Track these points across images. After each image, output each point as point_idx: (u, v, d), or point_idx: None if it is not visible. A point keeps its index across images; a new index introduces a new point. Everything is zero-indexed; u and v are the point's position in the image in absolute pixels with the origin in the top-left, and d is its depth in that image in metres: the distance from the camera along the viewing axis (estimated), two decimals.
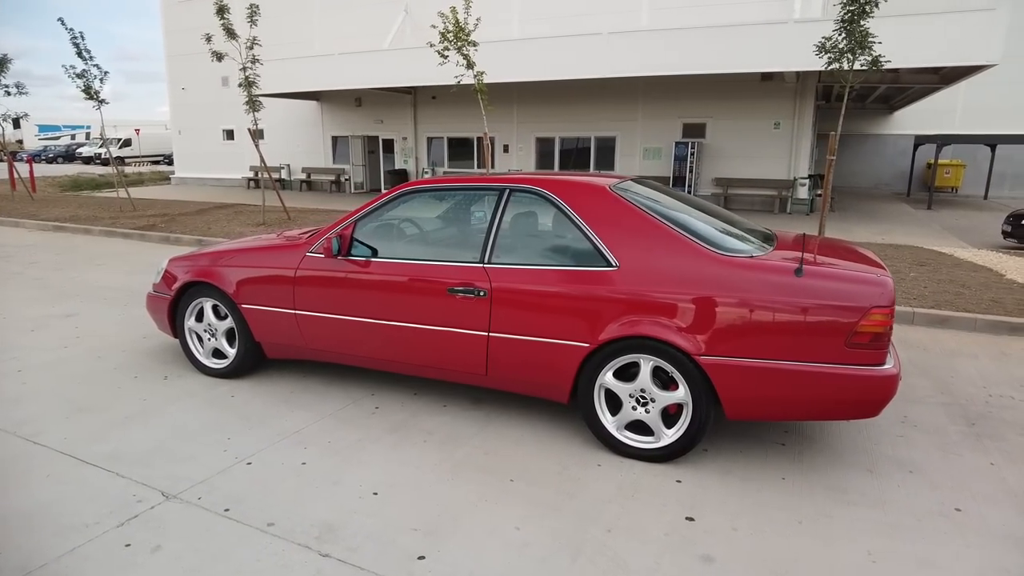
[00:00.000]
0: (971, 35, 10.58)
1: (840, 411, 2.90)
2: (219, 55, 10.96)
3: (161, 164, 35.85)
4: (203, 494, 2.79)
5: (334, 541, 2.47)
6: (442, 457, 3.16)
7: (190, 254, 4.31)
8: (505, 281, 3.25)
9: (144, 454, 3.15)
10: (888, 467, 3.13)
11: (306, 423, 3.52)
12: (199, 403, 3.78)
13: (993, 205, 18.45)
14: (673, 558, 2.40)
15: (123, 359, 4.53)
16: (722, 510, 2.73)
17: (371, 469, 3.03)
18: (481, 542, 2.48)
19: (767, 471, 3.07)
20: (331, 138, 21.08)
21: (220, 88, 21.38)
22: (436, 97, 19.68)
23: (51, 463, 3.05)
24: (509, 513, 2.68)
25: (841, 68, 7.35)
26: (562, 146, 18.67)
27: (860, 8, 7.25)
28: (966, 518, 2.70)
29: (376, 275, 3.55)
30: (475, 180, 3.60)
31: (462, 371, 3.48)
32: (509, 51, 14.73)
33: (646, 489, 2.89)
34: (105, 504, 2.70)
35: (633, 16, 16.32)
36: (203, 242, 9.57)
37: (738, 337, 2.88)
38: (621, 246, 3.09)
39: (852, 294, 2.79)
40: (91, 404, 3.74)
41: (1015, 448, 3.34)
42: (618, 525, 2.61)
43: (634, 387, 3.09)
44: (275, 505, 2.71)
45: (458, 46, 9.46)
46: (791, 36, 12.40)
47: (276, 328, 3.90)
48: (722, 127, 16.54)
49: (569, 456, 3.19)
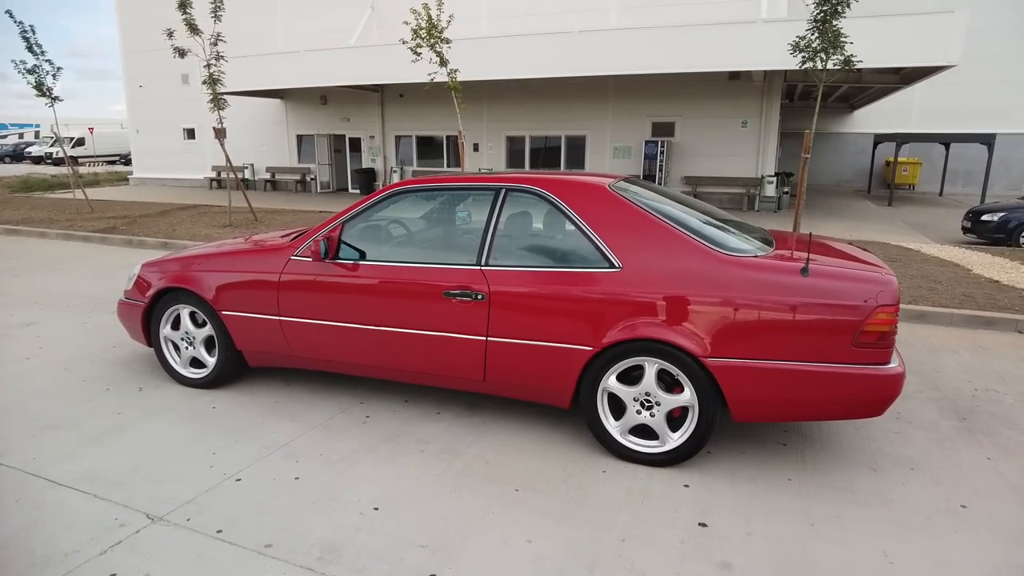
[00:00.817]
0: (932, 37, 10.88)
1: (846, 411, 2.88)
2: (182, 51, 10.59)
3: (117, 164, 34.63)
4: (192, 515, 2.62)
5: (337, 561, 2.33)
6: (442, 467, 3.04)
7: (164, 258, 4.09)
8: (504, 284, 3.15)
9: (123, 473, 2.95)
10: (890, 465, 3.13)
11: (295, 435, 3.36)
12: (178, 416, 3.59)
13: (948, 201, 19.08)
14: (692, 567, 2.34)
15: (93, 370, 4.28)
16: (734, 514, 2.68)
17: (369, 482, 2.90)
18: (493, 557, 2.38)
19: (772, 473, 3.04)
20: (296, 137, 20.62)
21: (180, 86, 20.75)
22: (404, 95, 19.42)
23: (20, 486, 2.83)
24: (518, 525, 2.59)
25: (815, 67, 7.44)
26: (532, 145, 18.62)
27: (832, 8, 7.35)
28: (973, 515, 2.71)
29: (367, 279, 3.41)
30: (469, 179, 3.48)
31: (458, 377, 3.37)
32: (479, 49, 14.60)
33: (655, 495, 2.83)
34: (84, 530, 2.51)
35: (601, 15, 16.36)
36: (169, 245, 9.22)
37: (745, 338, 2.84)
38: (624, 247, 3.02)
39: (858, 293, 2.77)
40: (60, 420, 3.51)
41: (1008, 442, 3.39)
42: (632, 534, 2.53)
43: (638, 391, 3.02)
44: (271, 524, 2.56)
45: (431, 43, 9.29)
46: (759, 36, 12.58)
47: (259, 335, 3.72)
48: (691, 126, 16.71)
49: (572, 463, 3.11)
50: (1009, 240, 10.54)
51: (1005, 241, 10.58)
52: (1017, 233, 10.45)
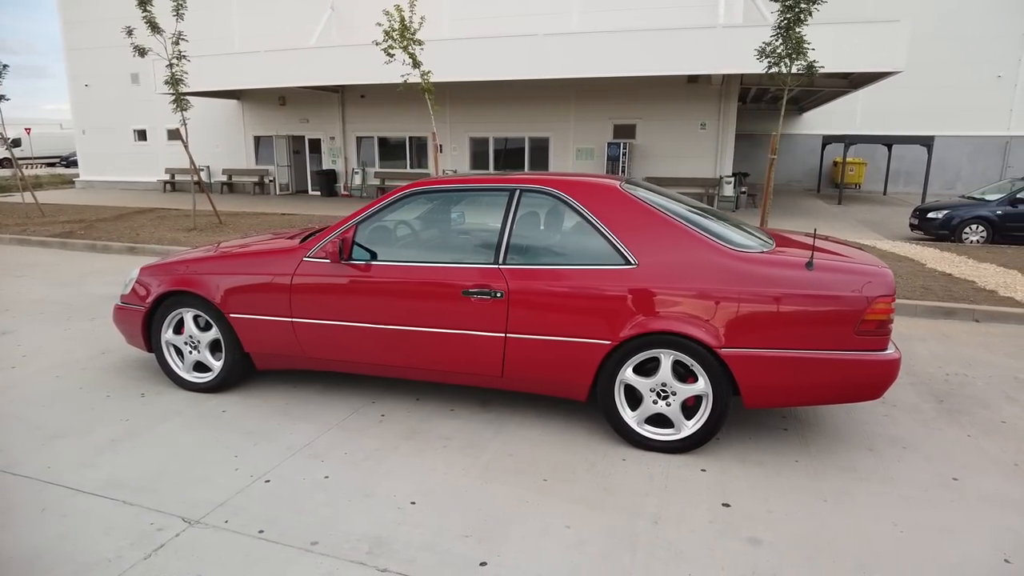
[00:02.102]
0: (881, 44, 11.49)
1: (848, 395, 3.09)
2: (142, 50, 10.26)
3: (58, 166, 33.09)
4: (229, 517, 2.62)
5: (388, 555, 2.39)
6: (468, 462, 3.12)
7: (164, 262, 4.02)
8: (523, 282, 3.25)
9: (146, 478, 2.92)
10: (884, 445, 3.37)
11: (314, 436, 3.38)
12: (189, 421, 3.55)
13: (892, 200, 20.11)
14: (724, 543, 2.49)
15: (87, 378, 4.17)
16: (752, 495, 2.85)
17: (399, 479, 2.95)
18: (537, 543, 2.47)
19: (780, 455, 3.23)
20: (253, 138, 20.17)
21: (130, 85, 20.05)
22: (365, 96, 19.25)
23: (41, 495, 2.77)
24: (553, 512, 2.69)
25: (780, 72, 7.79)
26: (496, 146, 18.73)
27: (795, 16, 7.71)
28: (964, 487, 2.95)
29: (384, 279, 3.45)
30: (482, 181, 3.56)
31: (477, 373, 3.45)
32: (443, 51, 14.60)
33: (676, 480, 2.97)
34: (121, 535, 2.49)
35: (562, 18, 16.60)
36: (136, 250, 8.94)
37: (756, 329, 3.01)
38: (639, 244, 3.16)
39: (859, 285, 2.98)
40: (65, 428, 3.43)
41: (984, 421, 3.68)
42: (663, 516, 2.67)
43: (655, 382, 3.16)
44: (311, 522, 2.59)
45: (404, 45, 9.29)
46: (719, 40, 13.02)
47: (270, 338, 3.71)
48: (651, 128, 17.12)
49: (592, 452, 3.23)
50: (952, 236, 11.23)
51: (949, 237, 11.26)
52: (960, 229, 11.14)
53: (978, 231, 11.03)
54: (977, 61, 21.13)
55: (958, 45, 21.23)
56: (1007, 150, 21.76)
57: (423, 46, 9.51)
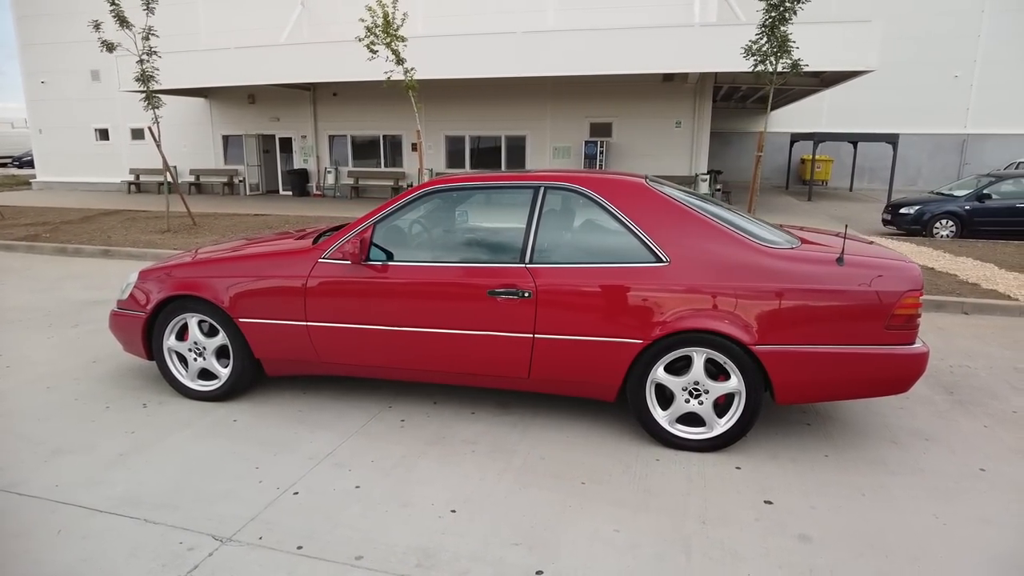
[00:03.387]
0: (854, 43, 11.75)
1: (877, 389, 3.11)
2: (110, 45, 9.86)
3: (10, 167, 31.72)
4: (262, 533, 2.49)
5: (438, 567, 2.30)
6: (500, 467, 3.04)
7: (164, 265, 3.84)
8: (551, 281, 3.18)
9: (165, 494, 2.76)
10: (906, 437, 3.40)
11: (335, 444, 3.25)
12: (199, 431, 3.38)
13: (858, 196, 20.65)
14: (775, 541, 2.47)
15: (81, 388, 3.95)
16: (792, 491, 2.84)
17: (434, 486, 2.86)
18: (589, 549, 2.41)
19: (808, 451, 3.23)
20: (222, 137, 19.65)
21: (90, 83, 19.31)
22: (337, 94, 18.93)
23: (54, 516, 2.60)
24: (598, 516, 2.63)
25: (766, 71, 7.89)
26: (472, 145, 18.61)
27: (780, 15, 7.82)
28: (993, 477, 2.99)
29: (405, 280, 3.34)
30: (504, 178, 3.48)
31: (502, 375, 3.37)
32: (421, 48, 14.43)
33: (714, 479, 2.94)
34: (150, 557, 2.34)
35: (538, 16, 16.57)
36: (111, 253, 8.58)
37: (789, 325, 3.00)
38: (669, 241, 3.12)
39: (889, 279, 3.00)
40: (68, 443, 3.23)
41: (996, 411, 3.76)
42: (709, 516, 2.63)
43: (687, 380, 3.13)
44: (351, 536, 2.48)
45: (387, 41, 9.13)
46: (696, 39, 13.16)
47: (283, 343, 3.56)
48: (627, 126, 17.23)
49: (624, 453, 3.18)
50: (924, 231, 11.55)
51: (920, 232, 11.58)
52: (931, 224, 11.47)
53: (948, 226, 11.37)
54: (935, 62, 21.85)
55: (917, 46, 21.91)
56: (964, 147, 22.56)
57: (406, 43, 9.36)
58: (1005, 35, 21.34)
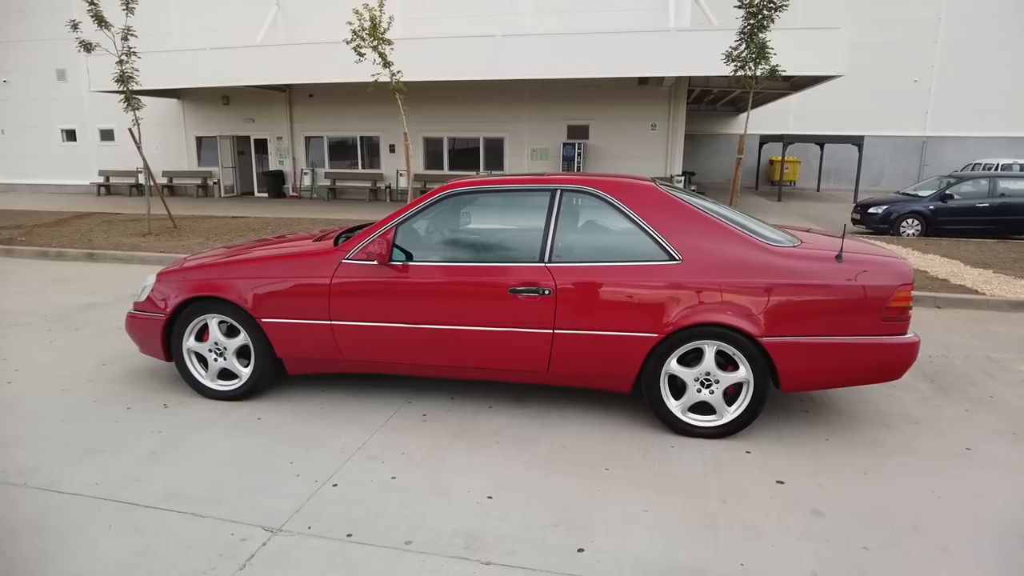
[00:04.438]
0: (824, 49, 12.21)
1: (873, 376, 3.36)
2: (88, 45, 9.71)
3: None
4: (310, 523, 2.60)
5: (486, 548, 2.44)
6: (526, 456, 3.19)
7: (183, 267, 3.89)
8: (570, 279, 3.35)
9: (206, 489, 2.84)
10: (897, 421, 3.66)
11: (364, 438, 3.37)
12: (226, 429, 3.46)
13: (825, 196, 21.34)
14: (791, 516, 2.67)
15: (98, 390, 3.98)
16: (800, 471, 3.05)
17: (467, 475, 2.99)
18: (624, 528, 2.58)
19: (810, 435, 3.46)
20: (195, 139, 19.38)
21: (56, 82, 18.82)
22: (313, 95, 18.84)
23: (100, 512, 2.66)
24: (627, 498, 2.80)
25: (747, 75, 8.19)
26: (450, 146, 18.71)
27: (759, 23, 8.14)
28: (978, 455, 3.26)
29: (429, 280, 3.47)
30: (522, 181, 3.63)
31: (522, 370, 3.52)
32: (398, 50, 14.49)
33: (727, 462, 3.14)
34: (206, 548, 2.43)
35: (516, 19, 16.76)
36: (95, 256, 8.46)
37: (794, 318, 3.22)
38: (682, 241, 3.32)
39: (884, 274, 3.24)
40: (97, 443, 3.28)
41: (975, 396, 4.05)
42: (728, 495, 2.83)
43: (698, 371, 3.33)
44: (397, 523, 2.60)
45: (374, 44, 9.20)
46: (672, 44, 13.50)
47: (306, 342, 3.65)
48: (604, 128, 17.53)
49: (640, 441, 3.36)
50: (891, 230, 12.06)
51: (888, 230, 12.09)
52: (898, 223, 11.98)
53: (914, 225, 11.90)
54: (896, 67, 22.69)
55: (879, 51, 22.69)
56: (924, 149, 23.48)
57: (393, 46, 9.44)
58: (961, 42, 22.29)
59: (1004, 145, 22.33)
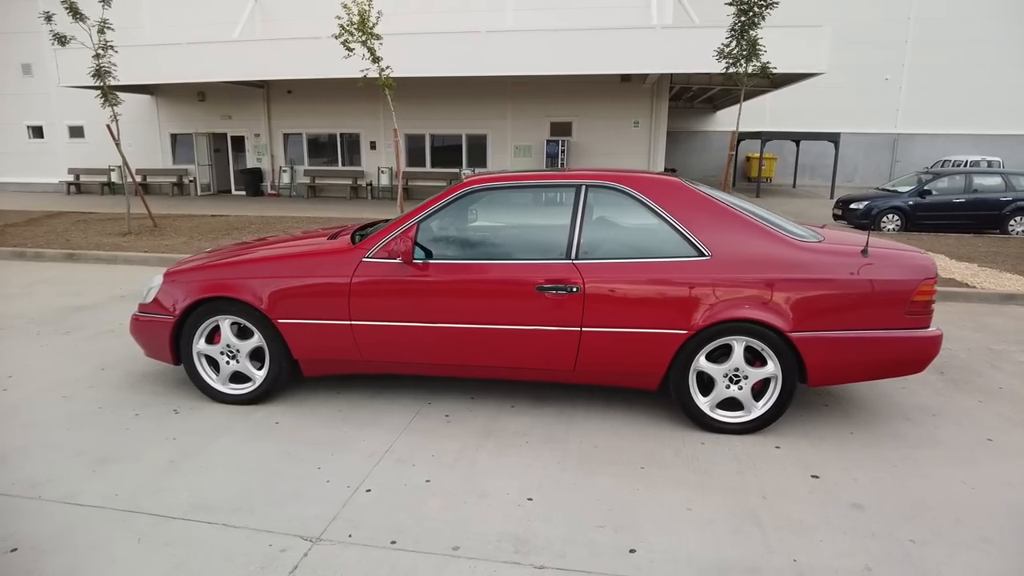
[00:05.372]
0: (808, 47, 12.37)
1: (897, 370, 3.38)
2: (62, 38, 9.38)
3: None
4: (350, 531, 2.52)
5: (536, 552, 2.39)
6: (558, 456, 3.14)
7: (191, 267, 3.75)
8: (598, 276, 3.30)
9: (234, 499, 2.74)
10: (916, 414, 3.70)
11: (389, 441, 3.28)
12: (244, 435, 3.34)
13: (802, 192, 21.68)
14: (832, 510, 2.67)
15: (100, 396, 3.82)
16: (832, 466, 3.06)
17: (502, 476, 2.94)
18: (671, 526, 2.55)
19: (835, 430, 3.47)
20: (170, 136, 18.91)
21: (21, 77, 18.18)
22: (292, 91, 18.51)
23: (127, 525, 2.54)
24: (667, 497, 2.78)
25: (739, 72, 8.25)
26: (433, 143, 18.55)
27: (750, 20, 8.20)
28: (1001, 445, 3.31)
29: (453, 278, 3.39)
30: (545, 176, 3.57)
31: (548, 368, 3.47)
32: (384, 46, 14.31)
33: (760, 458, 3.14)
34: (245, 560, 2.33)
35: (498, 15, 16.67)
36: (75, 256, 8.17)
37: (822, 313, 3.23)
38: (710, 236, 3.30)
39: (908, 269, 3.27)
40: (109, 452, 3.14)
41: (985, 387, 4.12)
42: (767, 491, 2.82)
43: (727, 367, 3.32)
44: (441, 528, 2.53)
45: (363, 40, 9.04)
46: (656, 41, 13.55)
47: (325, 342, 3.55)
48: (587, 125, 17.56)
49: (670, 438, 3.34)
50: (872, 225, 12.27)
51: (869, 226, 12.29)
52: (879, 219, 12.21)
53: (894, 220, 12.14)
54: (868, 65, 23.13)
55: (852, 50, 23.10)
56: (895, 146, 24.01)
57: (382, 41, 9.29)
58: (930, 42, 22.83)
59: (972, 143, 22.95)
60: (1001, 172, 12.43)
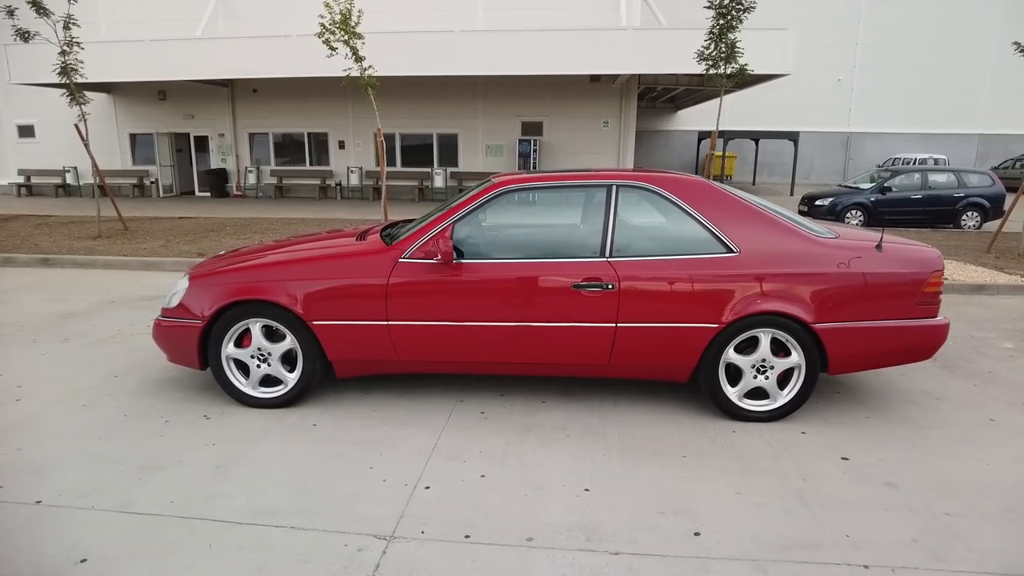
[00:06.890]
0: (774, 49, 12.81)
1: (909, 357, 3.60)
2: (25, 34, 8.98)
3: None
4: (421, 527, 2.56)
5: (607, 539, 2.48)
6: (601, 448, 3.24)
7: (220, 269, 3.70)
8: (632, 273, 3.42)
9: (296, 502, 2.74)
10: (921, 398, 3.94)
11: (432, 438, 3.33)
12: (284, 438, 3.33)
13: (762, 189, 22.37)
14: (868, 488, 2.85)
15: (123, 404, 3.74)
16: (857, 448, 3.25)
17: (553, 470, 3.02)
18: (727, 509, 2.68)
19: (851, 414, 3.68)
20: (129, 136, 18.27)
21: None
22: (258, 90, 18.14)
23: (192, 532, 2.52)
24: (715, 482, 2.91)
25: (718, 74, 8.51)
26: (404, 143, 18.44)
27: (728, 24, 8.47)
28: (1003, 425, 3.56)
29: (490, 277, 3.45)
30: (576, 177, 3.66)
31: (584, 363, 3.56)
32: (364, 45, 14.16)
33: (790, 443, 3.31)
34: (324, 561, 2.35)
35: (468, 15, 16.68)
36: (49, 261, 7.86)
37: (842, 305, 3.42)
38: (737, 233, 3.45)
39: (918, 262, 3.49)
40: (150, 460, 3.09)
41: (976, 371, 4.41)
42: (805, 473, 2.98)
43: (755, 358, 3.48)
44: (509, 520, 2.60)
45: (345, 38, 8.96)
46: (627, 42, 13.80)
47: (360, 343, 3.56)
48: (558, 125, 17.74)
49: (703, 428, 3.48)
50: (837, 220, 12.80)
51: (834, 222, 12.83)
52: (843, 215, 12.74)
53: (857, 216, 12.69)
54: (822, 66, 24.06)
55: (805, 51, 23.94)
56: (848, 144, 25.03)
57: (364, 40, 9.21)
58: (879, 45, 23.88)
59: (918, 141, 24.11)
60: (954, 170, 13.12)
